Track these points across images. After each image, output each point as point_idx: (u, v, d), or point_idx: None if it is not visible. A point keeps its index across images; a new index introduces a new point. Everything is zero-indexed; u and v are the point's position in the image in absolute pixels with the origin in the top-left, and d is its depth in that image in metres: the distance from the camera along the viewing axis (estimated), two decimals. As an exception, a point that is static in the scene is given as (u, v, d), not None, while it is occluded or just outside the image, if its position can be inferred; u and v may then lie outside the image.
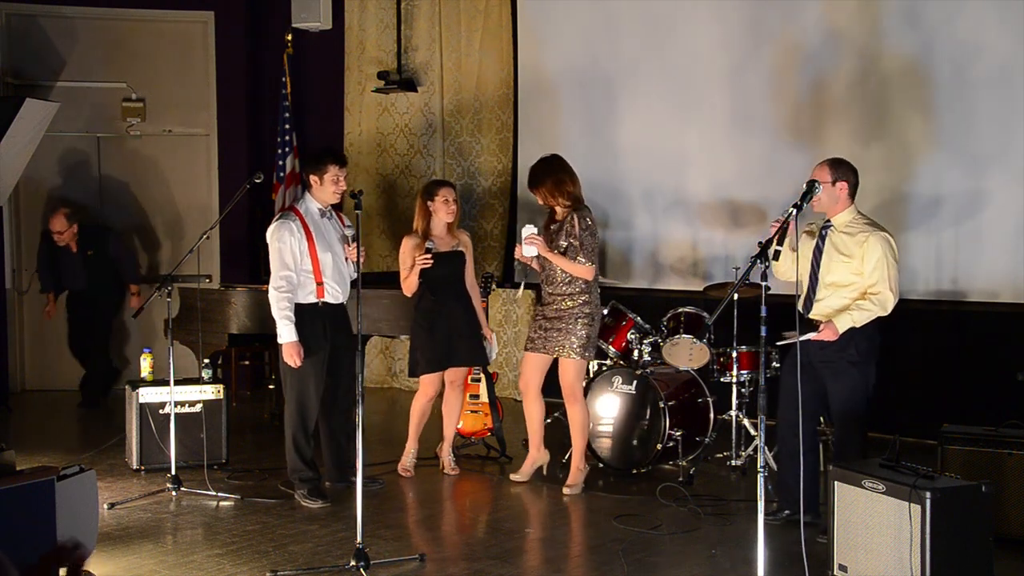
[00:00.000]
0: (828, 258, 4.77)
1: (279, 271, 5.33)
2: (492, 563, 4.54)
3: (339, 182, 5.44)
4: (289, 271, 5.32)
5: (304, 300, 5.38)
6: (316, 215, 5.43)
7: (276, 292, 5.32)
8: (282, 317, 5.30)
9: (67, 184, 9.01)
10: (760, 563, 3.83)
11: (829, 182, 4.75)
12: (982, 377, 6.57)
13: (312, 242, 5.35)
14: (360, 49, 9.23)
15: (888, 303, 4.69)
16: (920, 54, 6.72)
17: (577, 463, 5.74)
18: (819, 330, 4.69)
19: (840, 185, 4.76)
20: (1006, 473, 4.67)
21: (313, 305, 5.39)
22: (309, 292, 5.39)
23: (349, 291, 5.55)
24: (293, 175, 9.02)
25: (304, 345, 5.32)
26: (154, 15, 9.05)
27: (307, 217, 5.42)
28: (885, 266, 4.66)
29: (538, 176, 5.67)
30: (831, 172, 4.78)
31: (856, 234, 4.73)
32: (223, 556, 4.61)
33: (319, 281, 5.37)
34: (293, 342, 5.28)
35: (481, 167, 8.75)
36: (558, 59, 8.34)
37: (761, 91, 7.38)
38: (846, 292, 4.73)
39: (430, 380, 5.90)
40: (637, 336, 6.22)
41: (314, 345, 5.36)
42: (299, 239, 5.34)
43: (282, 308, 5.30)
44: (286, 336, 5.30)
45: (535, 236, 5.51)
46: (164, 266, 8.89)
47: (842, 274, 4.73)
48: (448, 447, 6.09)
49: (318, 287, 5.38)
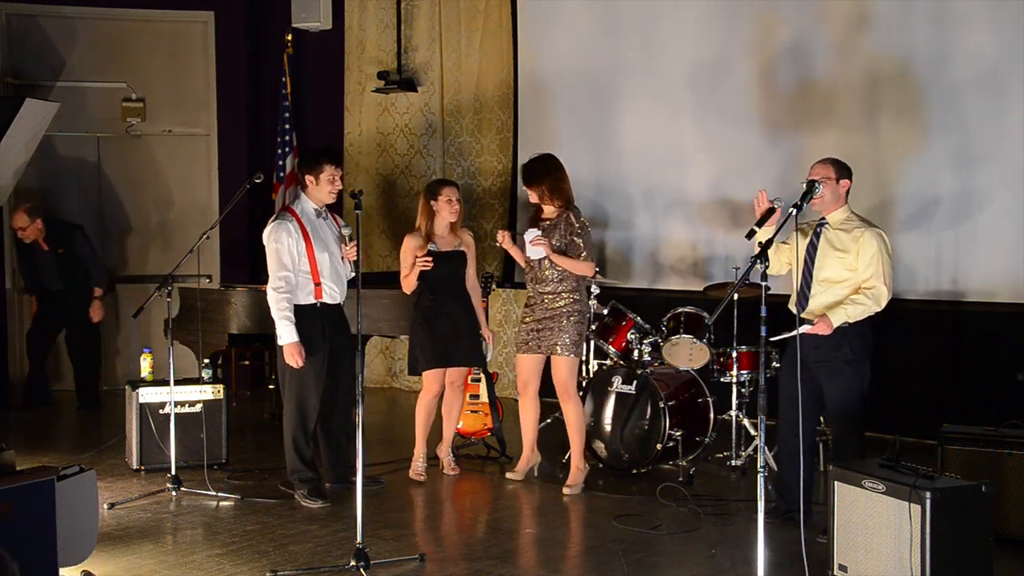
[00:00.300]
0: (822, 255, 4.81)
1: (277, 272, 5.32)
2: (492, 563, 4.54)
3: (335, 182, 5.43)
4: (288, 271, 5.31)
5: (302, 301, 5.38)
6: (312, 215, 5.43)
7: (275, 293, 5.32)
8: (282, 318, 5.29)
9: (67, 184, 9.01)
10: (760, 563, 3.83)
11: (834, 179, 4.81)
12: (982, 377, 6.57)
13: (309, 243, 5.35)
14: (360, 49, 9.23)
15: (882, 298, 4.71)
16: (920, 54, 6.72)
17: (577, 463, 5.74)
18: (813, 323, 4.70)
19: (843, 183, 4.85)
20: (1006, 473, 4.67)
21: (312, 306, 5.38)
22: (307, 293, 5.38)
23: (347, 291, 5.55)
24: (293, 175, 9.03)
25: (304, 346, 5.32)
26: (154, 15, 9.05)
27: (303, 217, 5.41)
28: (880, 261, 4.71)
29: (537, 174, 5.67)
30: (836, 170, 4.84)
31: (852, 230, 4.79)
32: (223, 556, 4.61)
33: (317, 282, 5.37)
34: (294, 343, 5.27)
35: (481, 167, 8.75)
36: (558, 59, 8.34)
37: (762, 91, 7.38)
38: (839, 288, 4.77)
39: (433, 376, 5.89)
40: (637, 336, 6.22)
41: (314, 346, 5.35)
42: (296, 239, 5.33)
43: (282, 309, 5.29)
44: (287, 337, 5.29)
45: (540, 238, 5.53)
46: (164, 266, 8.89)
47: (836, 270, 4.78)
48: (447, 447, 6.10)
49: (316, 288, 5.37)
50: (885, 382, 7.01)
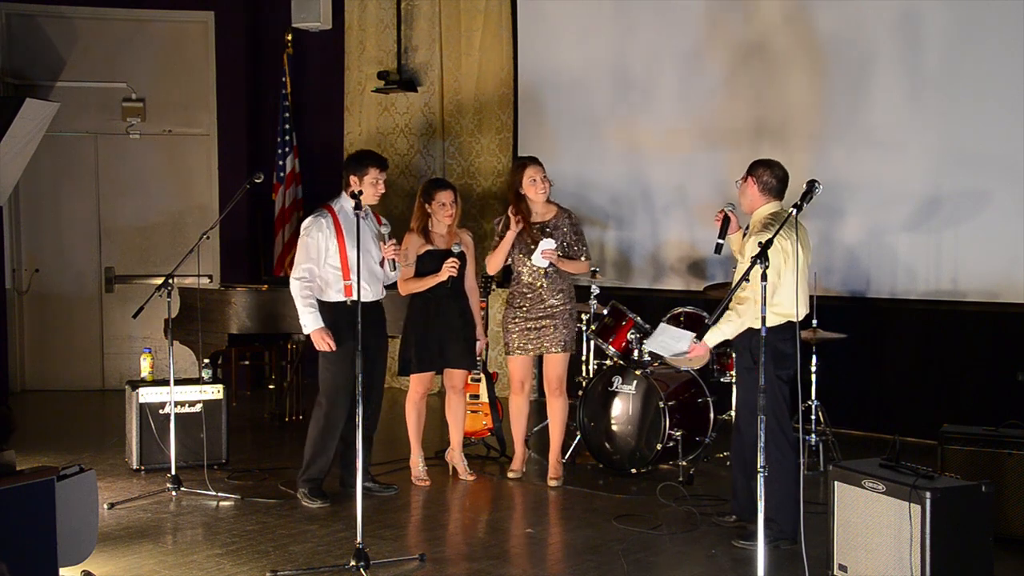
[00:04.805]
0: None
1: (302, 263, 5.39)
2: (492, 563, 4.54)
3: (378, 184, 5.47)
4: (312, 263, 5.37)
5: (333, 298, 5.41)
6: (350, 214, 5.43)
7: (298, 282, 5.37)
8: (305, 306, 5.34)
9: (66, 184, 9.02)
10: (760, 563, 3.83)
11: (743, 179, 4.89)
12: (982, 377, 6.58)
13: (342, 240, 5.38)
14: (360, 49, 9.23)
15: (745, 310, 4.62)
16: (920, 54, 6.72)
17: (558, 456, 5.87)
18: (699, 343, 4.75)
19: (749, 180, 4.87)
20: (1006, 473, 4.67)
21: (342, 303, 5.40)
22: (338, 290, 5.41)
23: (383, 290, 5.58)
24: (293, 175, 9.03)
25: (334, 341, 5.35)
26: (154, 15, 9.06)
27: (340, 215, 5.44)
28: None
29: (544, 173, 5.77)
30: (748, 169, 4.90)
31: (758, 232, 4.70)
32: (223, 556, 4.61)
33: (347, 279, 5.39)
34: (319, 328, 5.32)
35: (481, 167, 8.76)
36: (558, 59, 8.34)
37: (762, 91, 7.38)
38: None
39: (419, 378, 5.89)
40: (637, 336, 6.22)
41: (343, 342, 5.37)
42: (328, 236, 5.38)
43: (304, 297, 5.35)
44: (311, 324, 5.33)
45: (553, 251, 5.59)
46: (164, 266, 8.89)
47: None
48: (459, 453, 6.06)
49: (346, 286, 5.40)
50: (885, 382, 7.05)
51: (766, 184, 4.80)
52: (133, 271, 9.15)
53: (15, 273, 8.91)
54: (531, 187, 5.68)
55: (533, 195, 5.69)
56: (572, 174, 8.16)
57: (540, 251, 5.58)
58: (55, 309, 9.07)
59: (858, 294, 7.00)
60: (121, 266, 9.15)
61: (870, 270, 6.96)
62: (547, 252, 5.58)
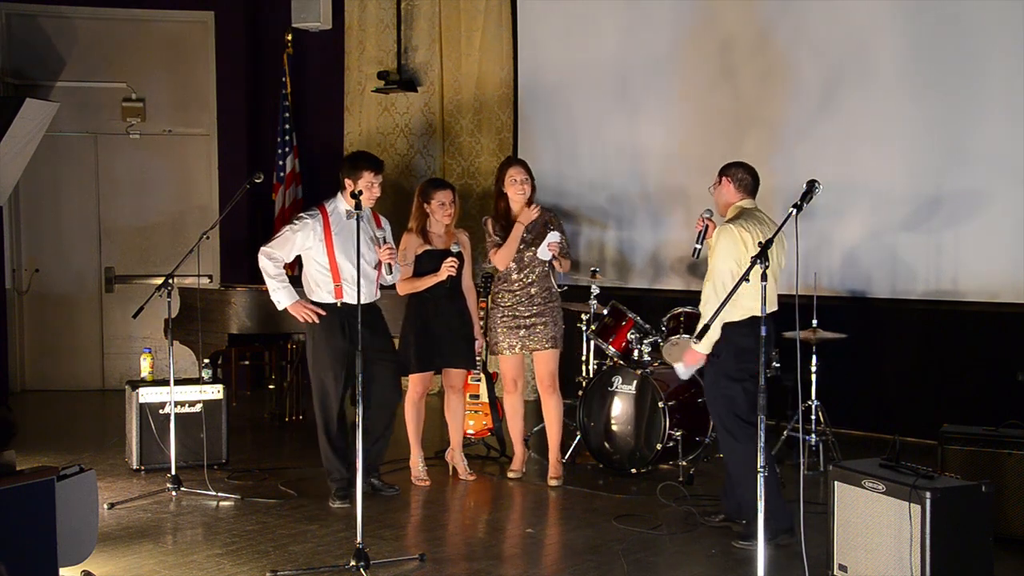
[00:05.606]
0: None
1: (274, 248, 5.42)
2: (492, 563, 4.54)
3: (373, 187, 5.44)
4: (282, 254, 5.41)
5: (323, 299, 5.41)
6: (343, 216, 5.43)
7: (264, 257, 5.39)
8: (277, 281, 5.37)
9: (66, 184, 9.02)
10: (760, 563, 3.83)
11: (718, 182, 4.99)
12: (982, 377, 6.57)
13: (331, 241, 5.37)
14: (360, 49, 9.23)
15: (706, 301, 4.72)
16: (921, 53, 6.72)
17: (557, 455, 5.86)
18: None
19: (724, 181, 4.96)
20: (1006, 473, 4.67)
21: (332, 305, 5.40)
22: (328, 291, 5.41)
23: (378, 291, 5.58)
24: (293, 175, 9.03)
25: (321, 343, 5.35)
26: (154, 15, 9.06)
27: (332, 216, 5.44)
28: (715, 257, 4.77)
29: (530, 173, 5.79)
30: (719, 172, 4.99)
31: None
32: (223, 556, 4.61)
33: (337, 282, 5.39)
34: (296, 302, 5.37)
35: (481, 167, 8.75)
36: (558, 59, 8.35)
37: (762, 91, 7.38)
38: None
39: (418, 377, 5.89)
40: (637, 336, 6.22)
41: (333, 342, 5.37)
42: (313, 237, 5.38)
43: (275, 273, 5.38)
44: (285, 299, 5.38)
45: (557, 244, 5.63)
46: (164, 266, 8.90)
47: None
48: (460, 453, 6.07)
49: (336, 288, 5.39)
50: (885, 382, 7.05)
51: (741, 181, 4.89)
52: (133, 271, 9.15)
53: (15, 273, 8.92)
54: (511, 187, 5.72)
55: (512, 194, 5.73)
56: (572, 174, 8.17)
57: (546, 243, 5.63)
58: (55, 309, 9.08)
59: (858, 294, 7.00)
60: (121, 266, 9.15)
61: (870, 270, 6.96)
62: (552, 244, 5.61)
